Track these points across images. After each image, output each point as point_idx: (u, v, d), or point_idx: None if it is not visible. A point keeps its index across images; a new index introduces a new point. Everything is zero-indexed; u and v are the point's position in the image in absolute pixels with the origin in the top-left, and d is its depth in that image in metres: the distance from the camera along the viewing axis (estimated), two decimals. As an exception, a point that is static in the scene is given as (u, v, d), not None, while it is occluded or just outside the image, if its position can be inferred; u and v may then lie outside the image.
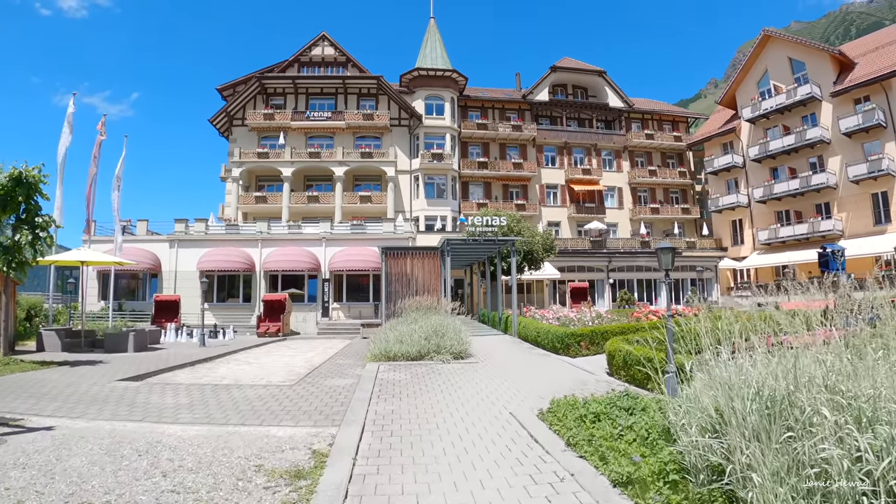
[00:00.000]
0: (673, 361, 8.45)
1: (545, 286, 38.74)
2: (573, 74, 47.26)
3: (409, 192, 39.74)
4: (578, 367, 11.43)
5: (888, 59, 35.55)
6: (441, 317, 14.13)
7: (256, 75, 39.62)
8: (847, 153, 37.01)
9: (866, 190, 36.16)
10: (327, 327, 27.75)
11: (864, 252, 34.85)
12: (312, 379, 11.01)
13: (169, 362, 14.26)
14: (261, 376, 11.89)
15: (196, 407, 8.20)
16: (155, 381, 11.07)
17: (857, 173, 35.94)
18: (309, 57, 41.31)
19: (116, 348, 17.56)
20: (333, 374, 11.76)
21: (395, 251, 20.23)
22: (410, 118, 40.29)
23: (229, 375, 12.20)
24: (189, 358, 15.45)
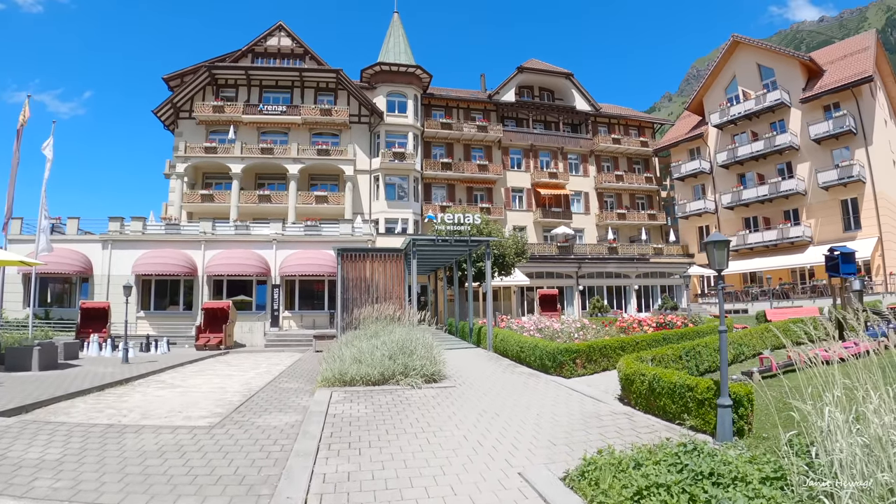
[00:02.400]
0: (727, 391, 6.42)
1: (513, 293, 36.83)
2: (540, 76, 45.75)
3: (369, 193, 37.26)
4: (580, 392, 9.31)
5: (858, 66, 35.34)
6: (407, 329, 11.85)
7: (206, 65, 36.56)
8: (816, 159, 36.60)
9: (836, 196, 35.72)
10: (276, 339, 25.03)
11: (833, 259, 34.23)
12: (244, 414, 8.55)
13: (72, 386, 11.54)
14: (179, 409, 9.34)
15: (65, 468, 5.70)
16: (34, 418, 8.42)
17: (826, 179, 35.48)
18: (264, 47, 38.50)
19: (18, 365, 14.63)
20: (273, 405, 9.31)
21: (353, 253, 17.77)
22: (371, 115, 37.89)
23: (140, 407, 9.60)
24: (102, 379, 12.74)
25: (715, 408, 6.62)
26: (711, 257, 6.56)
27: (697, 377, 7.15)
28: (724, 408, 6.40)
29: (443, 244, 17.06)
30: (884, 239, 33.31)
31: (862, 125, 34.47)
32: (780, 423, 7.21)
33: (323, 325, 27.92)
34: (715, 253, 6.53)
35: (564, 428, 6.95)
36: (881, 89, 37.61)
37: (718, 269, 6.54)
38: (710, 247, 6.57)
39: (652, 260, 41.62)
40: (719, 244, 6.54)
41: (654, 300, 41.72)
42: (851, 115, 34.35)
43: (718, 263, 6.53)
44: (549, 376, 11.14)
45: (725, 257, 6.57)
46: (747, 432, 6.56)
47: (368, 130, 38.05)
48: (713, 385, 6.72)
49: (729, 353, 11.81)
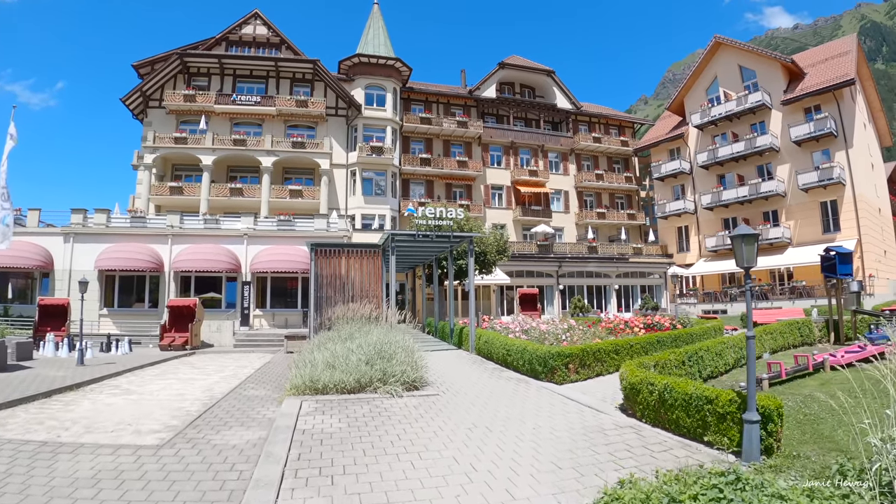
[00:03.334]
0: (755, 405, 5.64)
1: (492, 292, 36.05)
2: (521, 73, 45.04)
3: (345, 188, 36.11)
4: (576, 402, 8.50)
5: (840, 69, 35.36)
6: (385, 330, 10.92)
7: (178, 52, 35.00)
8: (796, 161, 36.56)
9: (815, 198, 35.69)
10: (246, 338, 23.84)
11: (812, 261, 34.23)
12: (200, 429, 7.53)
13: (16, 392, 10.41)
14: (129, 421, 8.29)
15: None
16: (-43, 432, 7.32)
17: (807, 181, 35.41)
18: (239, 36, 37.07)
19: (-39, 367, 13.42)
20: (235, 417, 8.30)
21: (328, 249, 16.68)
22: (349, 108, 36.74)
23: (86, 419, 8.52)
24: (51, 384, 11.60)
25: (738, 423, 5.87)
26: (739, 252, 5.79)
27: (718, 388, 6.38)
28: (751, 423, 5.64)
29: (423, 240, 16.13)
30: (863, 241, 33.32)
31: (843, 128, 34.45)
32: (810, 437, 6.53)
33: (296, 324, 26.81)
34: (743, 248, 5.75)
35: (567, 445, 6.11)
36: (861, 93, 37.71)
37: (747, 266, 5.76)
38: (737, 241, 5.79)
39: (631, 260, 41.26)
40: (748, 238, 5.76)
41: (634, 300, 41.38)
42: (832, 118, 34.33)
43: (747, 260, 5.76)
44: (540, 382, 10.33)
45: (755, 252, 5.79)
46: (776, 450, 5.80)
47: (346, 123, 36.91)
48: (736, 397, 5.96)
49: (730, 358, 11.15)
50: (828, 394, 8.53)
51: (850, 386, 9.35)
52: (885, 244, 36.23)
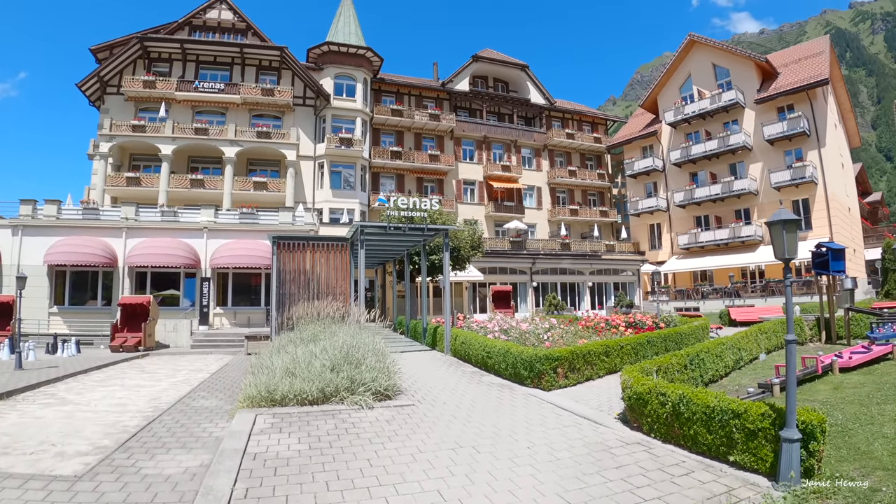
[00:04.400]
0: (795, 421, 4.77)
1: (465, 289, 35.12)
2: (495, 66, 44.14)
3: (313, 181, 34.69)
4: (570, 412, 7.58)
5: (812, 69, 35.52)
6: (353, 331, 9.84)
7: (138, 36, 33.03)
8: (769, 160, 36.61)
9: (787, 196, 35.74)
10: (205, 338, 22.38)
11: (782, 259, 34.26)
12: (132, 453, 6.32)
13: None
14: (55, 439, 7.05)
15: None
16: None
17: (779, 180, 35.48)
18: (203, 20, 35.26)
19: None
20: (176, 436, 7.07)
21: (291, 242, 15.37)
22: (317, 98, 35.30)
23: (6, 436, 7.26)
24: (-22, 391, 10.25)
25: (771, 441, 5.00)
26: (779, 241, 4.91)
27: (742, 399, 5.49)
28: (790, 442, 4.78)
29: (394, 233, 15.01)
30: (835, 239, 33.34)
31: (815, 127, 34.53)
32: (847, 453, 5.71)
33: (259, 322, 25.43)
34: (784, 235, 4.88)
35: (571, 470, 5.16)
36: (832, 94, 37.90)
37: (788, 258, 4.88)
38: (777, 228, 4.92)
39: (604, 257, 40.84)
40: (790, 224, 4.90)
41: (608, 297, 41.01)
42: (805, 117, 34.40)
43: (788, 251, 4.88)
44: (525, 388, 9.37)
45: (795, 241, 4.91)
46: (816, 471, 4.94)
47: (314, 114, 35.48)
48: (770, 411, 5.10)
49: (730, 359, 10.39)
50: (844, 399, 7.80)
51: (868, 391, 8.74)
52: (854, 243, 36.48)
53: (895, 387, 8.36)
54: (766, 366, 10.96)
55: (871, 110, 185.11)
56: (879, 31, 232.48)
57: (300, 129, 34.46)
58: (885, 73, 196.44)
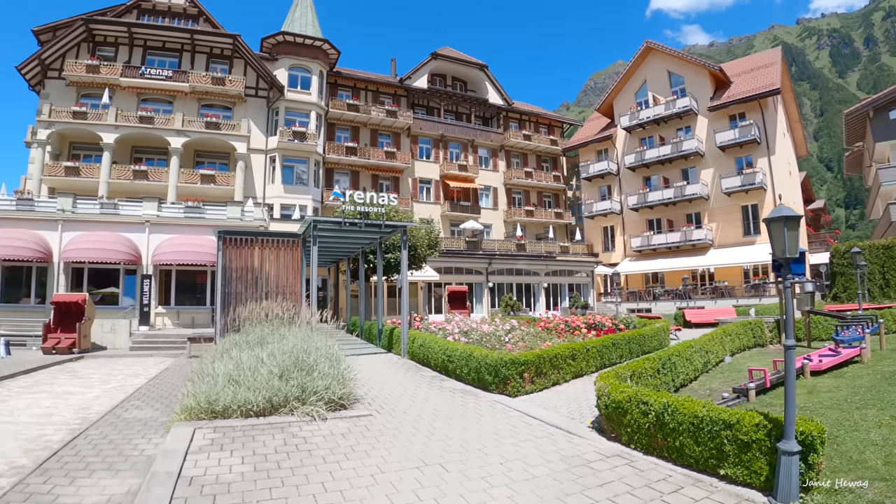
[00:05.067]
0: (794, 432, 4.39)
1: (420, 289, 34.47)
2: (454, 65, 43.71)
3: (264, 175, 33.39)
4: (540, 420, 7.08)
5: (766, 79, 36.55)
6: (304, 333, 9.10)
7: (83, 17, 31.00)
8: (720, 166, 37.47)
9: (737, 202, 36.64)
10: (145, 340, 21.02)
11: (732, 262, 35.16)
12: (49, 476, 5.46)
13: None
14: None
15: None
16: None
17: (730, 185, 36.33)
18: (152, 3, 33.38)
19: None
20: (102, 455, 6.18)
21: (238, 237, 14.32)
22: (270, 89, 34.01)
23: None
24: None
25: (767, 453, 4.63)
26: (779, 239, 4.51)
27: (733, 409, 5.08)
28: (789, 455, 4.38)
29: (350, 228, 14.23)
30: (782, 245, 34.19)
31: (766, 135, 35.49)
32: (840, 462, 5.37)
33: (204, 323, 24.19)
34: (786, 233, 4.46)
35: (551, 489, 4.64)
36: (781, 104, 39.03)
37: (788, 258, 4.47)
38: (777, 225, 4.51)
39: (559, 258, 40.93)
40: (791, 221, 4.48)
41: (562, 298, 41.14)
42: (756, 126, 35.37)
43: (790, 249, 4.47)
44: (490, 394, 8.82)
45: (797, 239, 4.51)
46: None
47: (266, 106, 34.19)
48: (765, 422, 4.71)
49: (699, 363, 10.12)
50: (822, 404, 7.57)
51: (844, 395, 8.55)
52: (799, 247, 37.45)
53: (870, 390, 8.21)
54: (733, 369, 10.78)
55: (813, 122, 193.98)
56: (825, 47, 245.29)
57: (251, 121, 33.17)
58: (828, 87, 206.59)
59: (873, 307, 16.75)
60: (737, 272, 36.22)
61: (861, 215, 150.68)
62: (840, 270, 26.13)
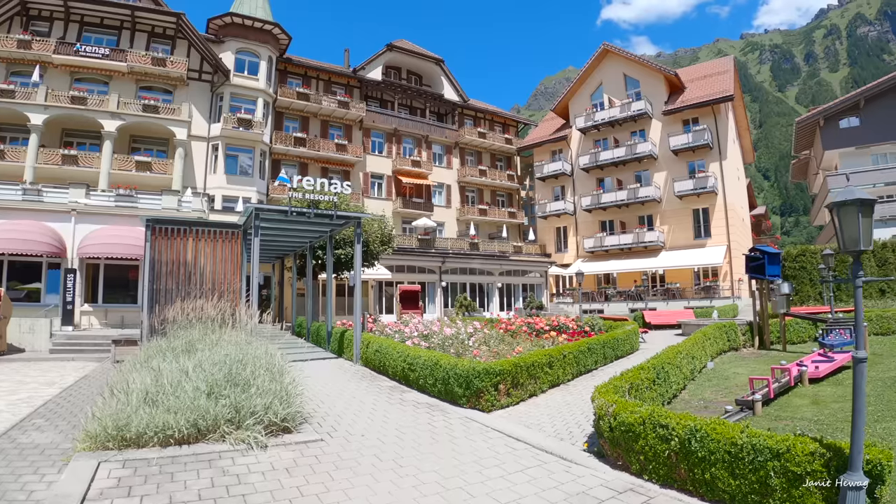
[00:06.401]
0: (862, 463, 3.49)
1: (370, 288, 33.09)
2: (410, 58, 42.42)
3: (205, 164, 31.27)
4: (525, 443, 6.02)
5: (717, 86, 37.04)
6: (241, 338, 7.77)
7: (18, -10, 28.24)
8: (673, 169, 37.70)
9: (689, 205, 36.89)
10: (68, 341, 18.92)
11: (683, 264, 35.31)
12: None
13: None
14: None
15: None
16: None
17: (682, 189, 36.52)
18: (92, -24, 30.74)
19: None
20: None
21: (170, 227, 12.58)
22: (215, 73, 31.87)
23: None
24: None
25: (823, 487, 3.71)
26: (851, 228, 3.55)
27: (777, 433, 4.15)
28: (855, 490, 3.47)
29: (297, 219, 12.80)
30: (732, 247, 34.75)
31: (718, 140, 35.84)
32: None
33: (135, 323, 22.10)
34: (860, 220, 3.51)
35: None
36: (732, 110, 39.54)
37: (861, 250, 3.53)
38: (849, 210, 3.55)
39: (513, 258, 40.37)
40: (866, 206, 3.53)
41: (516, 299, 40.60)
42: (709, 131, 35.73)
43: (864, 240, 3.52)
44: (461, 409, 7.70)
45: (871, 228, 3.58)
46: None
47: (210, 90, 32.06)
48: (822, 449, 3.85)
49: (687, 370, 9.30)
50: (836, 417, 6.82)
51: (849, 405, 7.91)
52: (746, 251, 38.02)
53: (880, 399, 7.59)
54: (719, 375, 10.05)
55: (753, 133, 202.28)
56: (766, 62, 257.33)
57: (193, 106, 31.04)
58: (768, 100, 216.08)
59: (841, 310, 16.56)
60: (687, 274, 36.44)
61: (796, 222, 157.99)
62: (792, 273, 26.34)
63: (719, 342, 12.48)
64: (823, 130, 34.92)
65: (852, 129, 33.81)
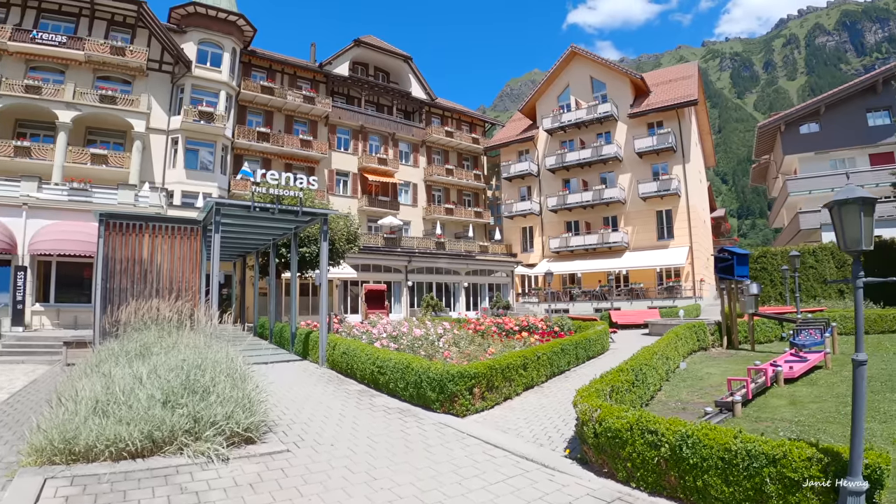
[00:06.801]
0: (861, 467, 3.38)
1: (335, 287, 32.51)
2: (377, 54, 41.89)
3: (164, 158, 30.19)
4: (504, 450, 5.78)
5: (681, 90, 37.67)
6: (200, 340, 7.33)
7: (-28, -26, 26.68)
8: (637, 171, 38.19)
9: (653, 207, 37.39)
10: (18, 343, 17.84)
11: (646, 264, 35.79)
12: None
13: None
14: None
15: None
16: None
17: (646, 191, 37.01)
18: (50, -38, 29.31)
19: None
20: None
21: (125, 222, 11.85)
22: (176, 64, 30.78)
23: None
24: None
25: (820, 492, 3.63)
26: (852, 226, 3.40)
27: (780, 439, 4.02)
28: (856, 496, 3.37)
29: (260, 214, 12.27)
30: (694, 248, 35.35)
31: (681, 144, 36.41)
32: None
33: (89, 323, 21.07)
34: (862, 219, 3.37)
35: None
36: (695, 115, 40.27)
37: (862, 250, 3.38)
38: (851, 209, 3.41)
39: (479, 257, 40.29)
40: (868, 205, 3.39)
41: (483, 298, 40.55)
42: (673, 134, 36.23)
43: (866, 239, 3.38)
44: (434, 415, 7.41)
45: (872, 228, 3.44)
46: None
47: (170, 82, 30.97)
48: (819, 454, 3.76)
49: (662, 371, 9.21)
50: (817, 418, 6.78)
51: (832, 406, 7.64)
52: (708, 252, 38.80)
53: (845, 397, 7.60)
54: (693, 376, 10.00)
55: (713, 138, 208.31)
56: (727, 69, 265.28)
57: (153, 98, 29.98)
58: (727, 106, 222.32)
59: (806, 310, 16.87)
60: (650, 274, 36.94)
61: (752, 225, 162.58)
62: (753, 274, 26.87)
63: (690, 342, 12.50)
64: (784, 135, 35.81)
65: (812, 135, 34.77)
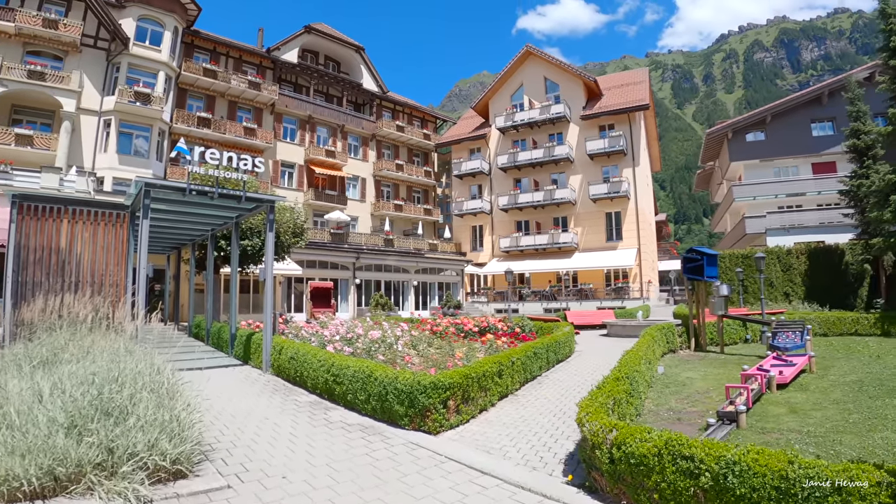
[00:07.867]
0: None
1: (279, 284, 30.88)
2: (329, 43, 40.33)
3: (96, 141, 27.82)
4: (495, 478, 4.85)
5: (633, 95, 38.06)
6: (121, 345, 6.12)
7: None
8: (588, 173, 38.28)
9: (602, 209, 37.58)
10: None
11: (596, 265, 35.86)
12: None
13: None
14: None
15: None
16: None
17: (597, 192, 37.13)
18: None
19: None
20: None
21: (42, 205, 10.09)
22: (113, 40, 28.38)
23: None
24: None
25: None
26: None
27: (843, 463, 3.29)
28: None
29: (197, 199, 10.82)
30: (642, 250, 35.62)
31: (632, 147, 36.70)
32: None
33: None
34: None
35: None
36: (644, 120, 40.70)
37: None
38: None
39: (429, 255, 39.45)
40: None
41: (432, 297, 39.73)
42: (624, 137, 36.47)
43: None
44: (403, 432, 6.39)
45: None
46: None
47: (106, 59, 28.57)
48: (889, 477, 3.09)
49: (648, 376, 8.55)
50: (825, 427, 6.21)
51: (834, 412, 7.09)
52: (653, 254, 39.29)
53: (857, 406, 7.16)
54: (674, 381, 9.36)
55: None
56: (668, 80, 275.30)
57: (86, 76, 27.65)
58: (667, 115, 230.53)
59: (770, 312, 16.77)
60: (599, 275, 37.05)
61: (688, 230, 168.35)
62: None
63: (662, 344, 12.00)
64: (731, 143, 36.54)
65: (758, 143, 35.58)
